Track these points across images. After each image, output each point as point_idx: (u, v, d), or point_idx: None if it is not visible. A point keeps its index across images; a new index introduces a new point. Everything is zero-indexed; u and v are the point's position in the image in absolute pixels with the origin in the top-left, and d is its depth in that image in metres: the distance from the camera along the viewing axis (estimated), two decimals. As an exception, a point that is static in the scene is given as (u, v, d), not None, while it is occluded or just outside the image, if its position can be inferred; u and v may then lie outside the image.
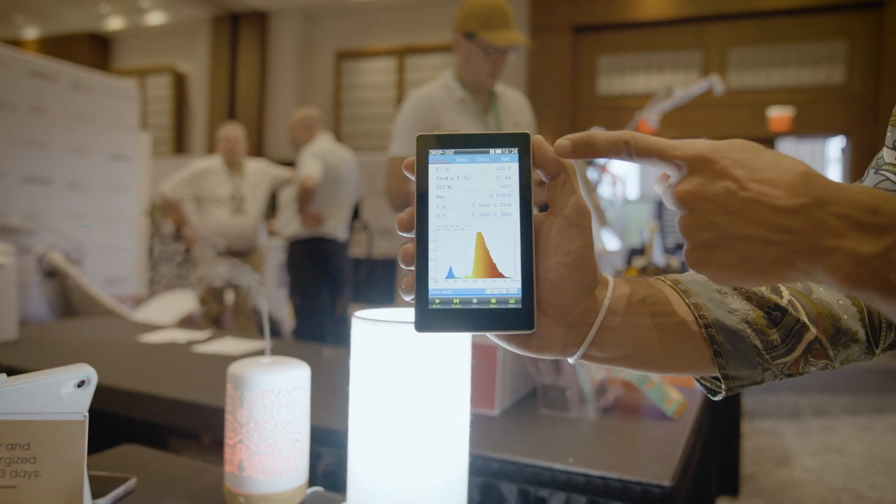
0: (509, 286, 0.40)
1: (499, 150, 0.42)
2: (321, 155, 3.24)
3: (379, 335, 0.56)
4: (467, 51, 1.91)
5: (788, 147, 9.61)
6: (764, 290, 0.45)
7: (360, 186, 3.66)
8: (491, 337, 0.43)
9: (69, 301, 4.46)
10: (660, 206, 11.55)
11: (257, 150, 12.10)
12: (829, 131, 8.84)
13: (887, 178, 0.49)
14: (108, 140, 5.73)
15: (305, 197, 3.13)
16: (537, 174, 0.43)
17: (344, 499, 0.73)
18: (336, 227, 3.35)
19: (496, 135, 0.43)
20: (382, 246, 7.97)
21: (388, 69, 11.79)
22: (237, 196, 3.62)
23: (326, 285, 3.30)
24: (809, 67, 9.20)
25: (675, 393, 1.20)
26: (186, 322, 4.44)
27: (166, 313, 4.68)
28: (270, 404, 0.67)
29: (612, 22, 10.15)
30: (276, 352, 1.51)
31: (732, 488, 2.64)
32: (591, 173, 4.37)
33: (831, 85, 8.80)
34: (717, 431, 2.43)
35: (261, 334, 2.52)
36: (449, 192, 0.42)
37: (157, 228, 8.65)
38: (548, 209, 0.43)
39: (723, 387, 0.45)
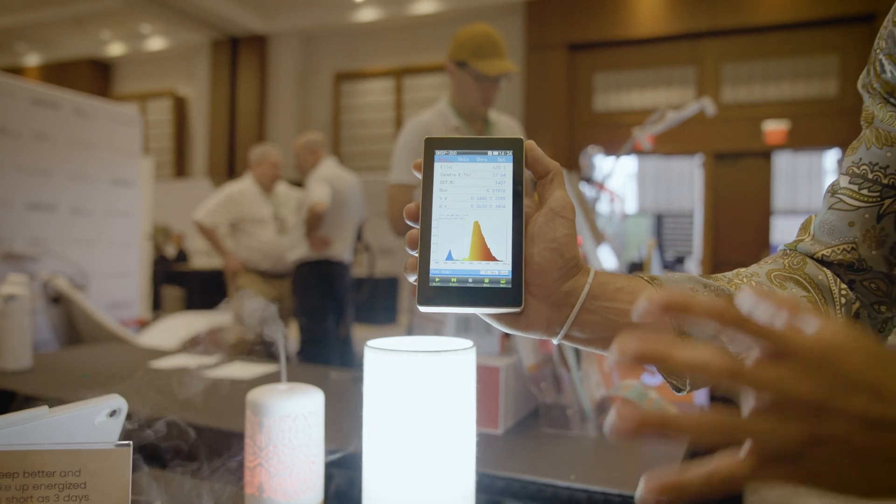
0: (501, 268, 0.45)
1: (496, 152, 0.48)
2: (328, 179, 3.31)
3: (390, 363, 0.61)
4: (460, 79, 1.97)
5: (785, 160, 9.70)
6: (732, 288, 0.50)
7: (363, 209, 3.71)
8: (483, 317, 0.48)
9: (74, 327, 4.48)
10: (658, 221, 11.61)
11: (257, 171, 12.16)
12: (824, 144, 8.93)
13: (841, 200, 0.56)
14: (110, 165, 5.79)
15: (315, 221, 3.19)
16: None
17: (357, 518, 0.77)
18: (342, 249, 3.41)
19: (494, 139, 0.49)
20: (383, 265, 8.00)
21: (386, 90, 11.91)
22: (278, 216, 3.67)
23: (332, 307, 3.35)
24: (803, 81, 9.30)
25: (671, 409, 1.24)
26: (191, 345, 4.46)
27: (171, 337, 4.70)
28: (288, 429, 0.71)
29: (607, 39, 10.27)
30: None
31: (736, 502, 2.67)
32: (589, 190, 4.43)
33: (825, 98, 8.90)
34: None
35: (266, 357, 2.56)
36: (451, 186, 0.47)
37: (159, 252, 8.70)
38: (541, 199, 0.48)
39: (687, 381, 0.49)
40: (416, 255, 0.46)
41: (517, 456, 1.03)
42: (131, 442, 0.46)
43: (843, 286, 0.54)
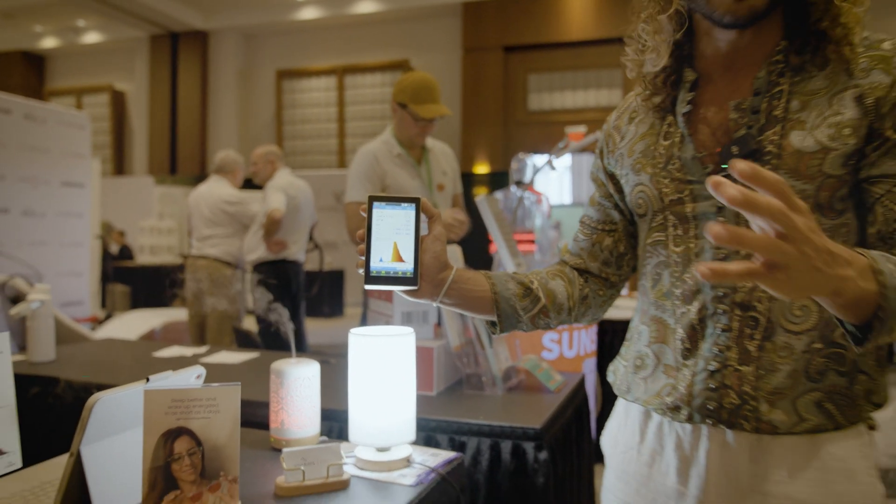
0: (407, 266, 0.88)
1: (405, 204, 0.90)
2: (283, 188, 3.70)
3: (367, 342, 1.05)
4: (401, 117, 2.41)
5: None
6: (524, 280, 0.95)
7: (314, 213, 4.11)
8: (398, 292, 0.91)
9: (34, 325, 4.67)
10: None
11: (200, 168, 12.23)
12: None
13: (578, 234, 1.06)
14: (61, 168, 5.94)
15: (273, 227, 3.58)
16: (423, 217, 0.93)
17: (341, 441, 1.21)
18: (297, 251, 3.81)
19: (405, 197, 0.91)
20: (328, 258, 8.30)
21: (329, 87, 12.11)
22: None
23: (288, 303, 3.74)
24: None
25: (557, 375, 1.73)
26: (147, 339, 4.75)
27: (127, 334, 4.96)
28: (300, 386, 1.15)
29: (541, 42, 10.79)
30: (265, 361, 1.96)
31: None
32: (517, 192, 4.92)
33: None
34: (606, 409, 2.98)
35: (239, 347, 2.95)
36: (382, 222, 0.89)
37: (104, 250, 8.77)
38: (429, 228, 0.91)
39: (498, 328, 0.95)
40: (363, 259, 0.89)
41: (445, 408, 1.49)
42: (240, 382, 0.89)
43: (581, 280, 1.02)
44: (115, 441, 0.92)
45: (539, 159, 5.43)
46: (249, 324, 4.47)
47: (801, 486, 0.82)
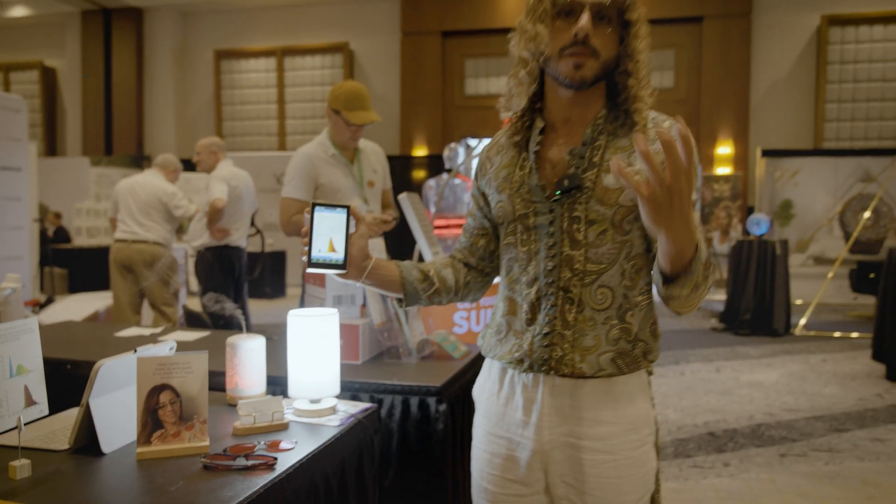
0: (339, 256, 1.22)
1: (339, 209, 1.24)
2: (225, 179, 3.95)
3: (301, 322, 1.40)
4: (335, 122, 2.72)
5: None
6: (424, 268, 1.33)
7: (256, 201, 4.37)
8: (330, 275, 1.25)
9: (-23, 309, 4.80)
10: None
11: (137, 149, 12.10)
12: (656, 131, 10.29)
13: (462, 236, 1.41)
14: (-2, 152, 5.96)
15: (215, 216, 3.84)
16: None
17: (282, 397, 1.55)
18: (239, 237, 4.08)
19: (339, 204, 1.25)
20: (269, 238, 8.48)
21: (268, 68, 12.13)
22: None
23: (232, 286, 4.02)
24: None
25: (462, 346, 2.11)
26: (92, 321, 4.94)
27: (72, 316, 5.12)
28: (249, 356, 1.49)
29: (477, 28, 11.10)
30: (216, 338, 2.27)
31: None
32: (446, 180, 5.27)
33: (663, 89, 10.28)
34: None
35: (189, 327, 3.23)
36: (321, 222, 1.22)
37: (43, 233, 8.72)
38: (356, 227, 1.26)
39: (404, 303, 1.32)
40: (307, 249, 1.21)
41: (368, 373, 1.85)
42: (207, 350, 1.22)
43: (465, 270, 1.40)
44: (114, 395, 1.24)
45: (474, 144, 5.81)
46: (192, 304, 4.72)
47: (601, 410, 1.22)
